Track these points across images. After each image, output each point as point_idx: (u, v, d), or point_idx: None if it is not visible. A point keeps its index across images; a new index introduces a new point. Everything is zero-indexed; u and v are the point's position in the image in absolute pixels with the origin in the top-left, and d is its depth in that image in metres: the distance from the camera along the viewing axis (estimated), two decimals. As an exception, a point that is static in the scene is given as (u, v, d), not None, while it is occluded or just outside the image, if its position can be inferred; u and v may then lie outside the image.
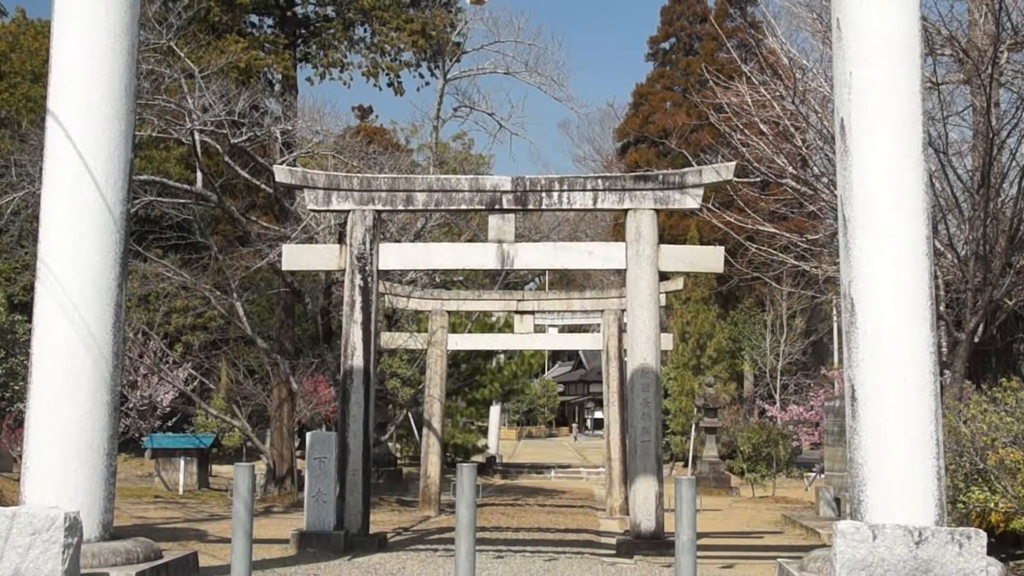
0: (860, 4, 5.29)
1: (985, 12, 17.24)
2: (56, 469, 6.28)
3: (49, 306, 5.29)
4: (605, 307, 24.87)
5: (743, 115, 19.17)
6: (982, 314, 15.59)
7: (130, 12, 5.22)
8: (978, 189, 15.69)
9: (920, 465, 6.07)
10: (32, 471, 6.31)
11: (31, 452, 6.21)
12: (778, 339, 40.20)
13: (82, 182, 5.16)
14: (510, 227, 15.35)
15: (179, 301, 27.77)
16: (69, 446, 6.06)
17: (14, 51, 32.79)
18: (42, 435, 6.08)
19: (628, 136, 55.99)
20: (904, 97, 5.27)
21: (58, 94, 5.33)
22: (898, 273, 5.34)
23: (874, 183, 5.31)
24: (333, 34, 31.91)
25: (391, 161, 27.82)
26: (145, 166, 28.48)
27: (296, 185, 16.10)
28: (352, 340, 15.12)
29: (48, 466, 6.25)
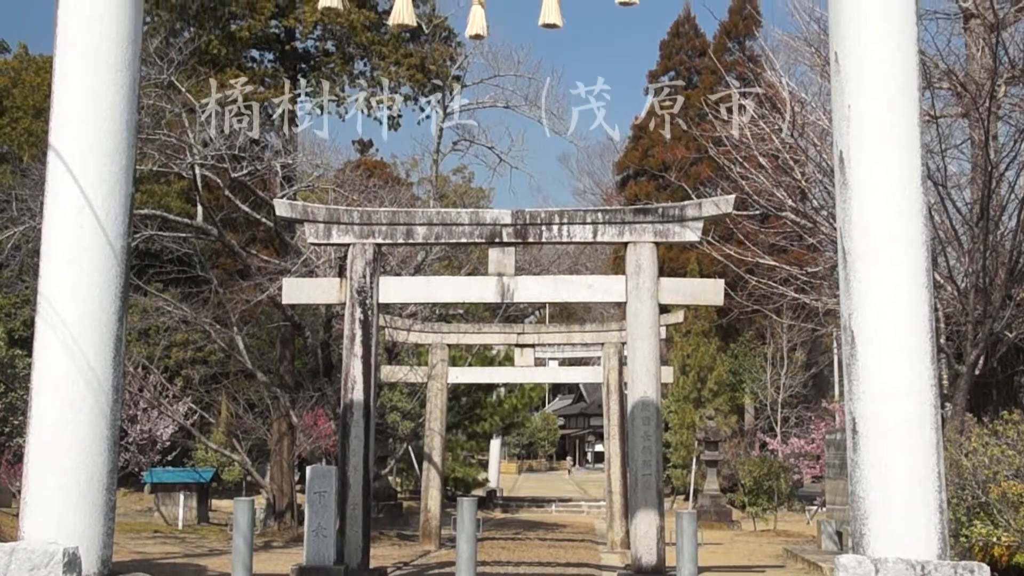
0: (859, 38, 5.31)
1: (982, 46, 17.33)
2: (55, 504, 6.26)
3: (49, 341, 5.27)
4: (605, 340, 24.84)
5: (742, 148, 19.22)
6: (982, 347, 15.57)
7: (132, 48, 5.24)
8: (977, 222, 15.71)
9: (922, 498, 6.04)
10: (31, 506, 6.28)
11: (30, 487, 6.18)
12: (779, 372, 40.13)
13: (83, 216, 5.16)
14: (510, 260, 15.35)
15: (179, 335, 27.75)
16: (68, 481, 6.03)
17: (16, 86, 32.94)
18: (41, 470, 6.05)
19: (628, 169, 56.10)
20: (903, 130, 5.28)
21: (59, 129, 5.34)
22: (898, 306, 5.34)
23: (874, 216, 5.32)
24: (333, 69, 32.04)
25: (391, 195, 27.89)
26: (146, 200, 28.53)
27: (296, 219, 16.13)
28: (352, 374, 15.10)
29: (47, 501, 6.22)
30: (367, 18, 30.74)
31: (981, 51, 17.46)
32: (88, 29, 5.23)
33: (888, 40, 5.30)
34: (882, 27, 5.29)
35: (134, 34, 5.30)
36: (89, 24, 5.20)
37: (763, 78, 20.08)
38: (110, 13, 5.19)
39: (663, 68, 58.31)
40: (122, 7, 5.24)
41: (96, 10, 5.20)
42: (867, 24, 5.30)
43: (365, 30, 31.13)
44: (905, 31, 5.34)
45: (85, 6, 5.21)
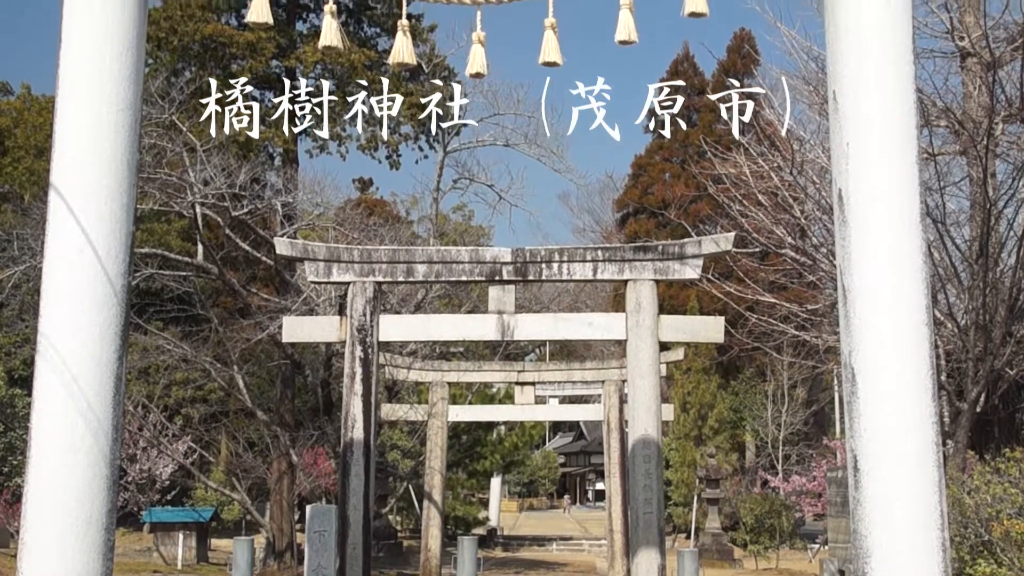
0: (856, 77, 5.33)
1: (979, 85, 17.42)
2: (53, 544, 6.23)
3: (49, 380, 5.26)
4: (606, 378, 24.81)
5: (741, 186, 19.27)
6: (983, 384, 15.55)
7: (134, 88, 5.26)
8: (976, 259, 15.73)
9: (925, 537, 6.02)
10: (29, 547, 6.26)
11: (28, 527, 6.15)
12: (780, 409, 40.05)
13: (84, 255, 5.16)
14: (510, 298, 15.35)
15: (179, 373, 27.73)
16: (67, 521, 6.01)
17: (18, 126, 33.10)
18: (39, 510, 6.03)
19: (627, 207, 56.21)
20: (902, 167, 5.29)
21: (61, 168, 5.35)
22: (899, 343, 5.33)
23: (873, 253, 5.32)
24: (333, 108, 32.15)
25: (391, 233, 27.95)
26: (147, 239, 28.60)
27: (297, 257, 16.14)
28: (352, 412, 15.06)
29: (45, 541, 6.20)
30: (367, 57, 30.90)
31: (978, 89, 17.54)
32: (90, 69, 5.25)
33: (886, 78, 5.32)
34: (879, 66, 5.31)
35: (136, 74, 5.32)
36: (91, 65, 5.22)
37: (762, 116, 20.16)
38: (112, 54, 5.21)
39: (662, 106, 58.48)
40: (124, 48, 5.27)
41: (98, 51, 5.23)
42: (864, 63, 5.32)
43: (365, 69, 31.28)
44: (902, 69, 5.36)
45: (88, 47, 5.24)
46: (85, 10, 5.24)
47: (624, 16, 5.18)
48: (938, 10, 18.87)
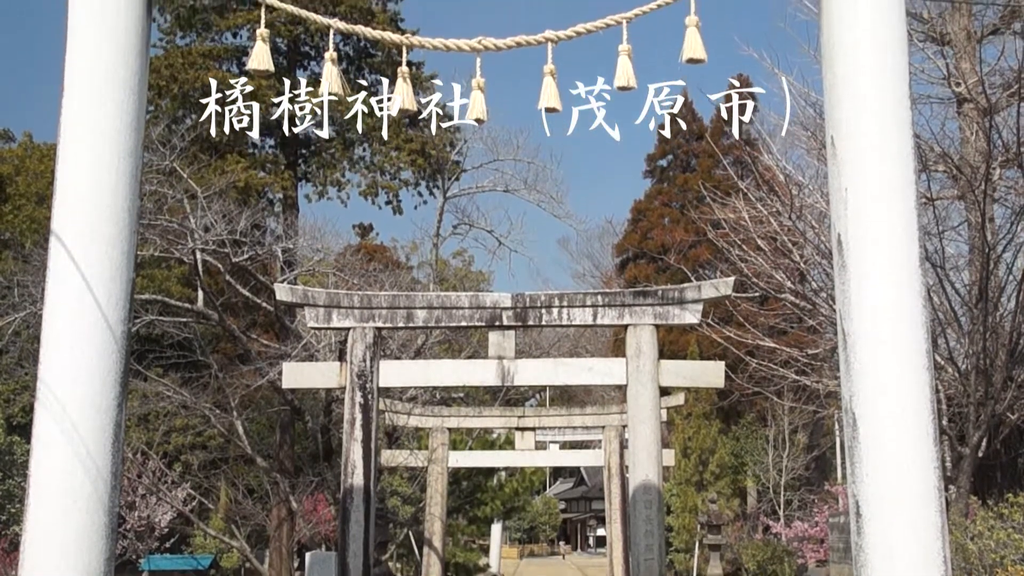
0: (854, 123, 5.36)
1: (976, 130, 17.50)
2: (51, 593, 6.19)
3: (48, 427, 5.25)
4: (606, 423, 24.74)
5: (741, 231, 19.32)
6: (985, 428, 15.50)
7: (135, 135, 5.29)
8: (976, 303, 15.73)
9: (928, 582, 5.97)
10: (27, 595, 6.21)
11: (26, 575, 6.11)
12: (781, 454, 39.89)
13: (84, 302, 5.16)
14: (510, 343, 15.34)
15: (179, 420, 27.67)
16: (65, 569, 5.97)
17: (19, 174, 33.23)
18: (38, 558, 6.00)
19: (627, 252, 56.27)
20: (900, 212, 5.31)
21: (62, 215, 5.37)
22: (900, 387, 5.32)
23: (873, 297, 5.33)
24: (333, 154, 32.32)
25: (391, 278, 27.97)
26: (147, 285, 28.63)
27: (297, 303, 16.14)
28: (352, 458, 15.01)
29: (43, 590, 6.16)
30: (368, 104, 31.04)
31: (975, 135, 17.63)
32: (92, 117, 5.28)
33: (883, 124, 5.35)
34: (877, 112, 5.35)
35: (137, 122, 5.36)
36: (93, 113, 5.25)
37: (760, 161, 20.24)
38: (114, 101, 5.24)
39: (661, 152, 58.76)
40: (126, 96, 5.30)
41: (100, 99, 5.26)
42: (862, 109, 5.35)
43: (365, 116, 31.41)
44: (900, 115, 5.40)
45: (90, 96, 5.27)
46: (88, 60, 5.28)
47: (623, 62, 5.21)
48: (934, 56, 19.03)
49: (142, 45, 5.38)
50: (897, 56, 5.31)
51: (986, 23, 19.73)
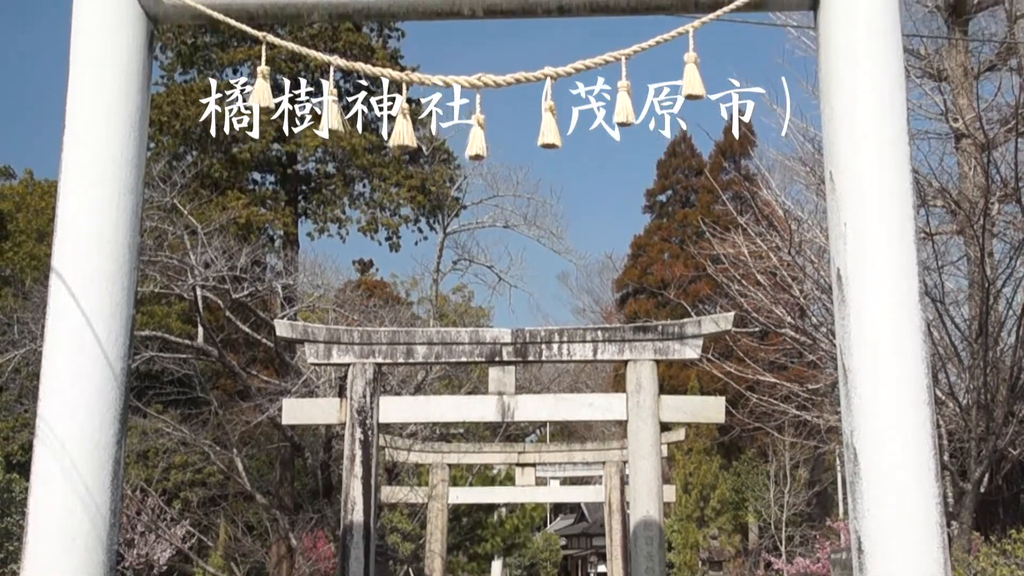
0: (852, 158, 5.38)
1: (974, 165, 17.56)
2: (49, 631, 6.15)
3: (47, 464, 5.24)
4: (607, 459, 24.66)
5: (740, 266, 19.33)
6: (987, 464, 15.46)
7: (135, 172, 5.31)
8: (976, 338, 15.72)
9: (931, 619, 5.94)
10: (25, 634, 6.17)
11: (24, 614, 6.07)
12: (782, 490, 39.73)
13: (84, 339, 5.16)
14: (510, 379, 15.32)
15: (178, 457, 27.58)
16: (63, 607, 5.94)
17: (20, 211, 33.29)
18: (36, 596, 5.96)
19: (627, 287, 56.28)
20: (899, 247, 5.32)
21: (62, 252, 5.37)
22: (901, 422, 5.32)
23: (873, 332, 5.33)
24: (333, 190, 32.40)
25: (391, 314, 27.98)
26: (147, 322, 28.63)
27: (297, 339, 16.13)
28: (352, 495, 14.95)
29: (41, 628, 6.12)
30: (368, 141, 31.18)
31: (973, 170, 17.69)
32: (93, 154, 5.30)
33: (881, 159, 5.37)
34: (875, 147, 5.37)
35: (138, 159, 5.38)
36: (94, 149, 5.28)
37: (759, 196, 20.29)
38: (115, 138, 5.27)
39: (660, 187, 58.92)
40: (127, 132, 5.33)
41: (101, 136, 5.28)
42: (860, 144, 5.38)
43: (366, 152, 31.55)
44: (898, 150, 5.42)
45: (90, 132, 5.29)
46: (89, 97, 5.30)
47: (622, 98, 5.23)
48: (932, 92, 19.12)
49: (143, 82, 5.40)
50: (895, 92, 5.33)
51: (982, 60, 19.85)
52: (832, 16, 5.43)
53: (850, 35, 5.36)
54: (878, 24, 5.36)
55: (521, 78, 5.24)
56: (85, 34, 5.40)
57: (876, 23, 5.36)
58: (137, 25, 5.43)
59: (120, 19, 5.40)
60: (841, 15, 5.40)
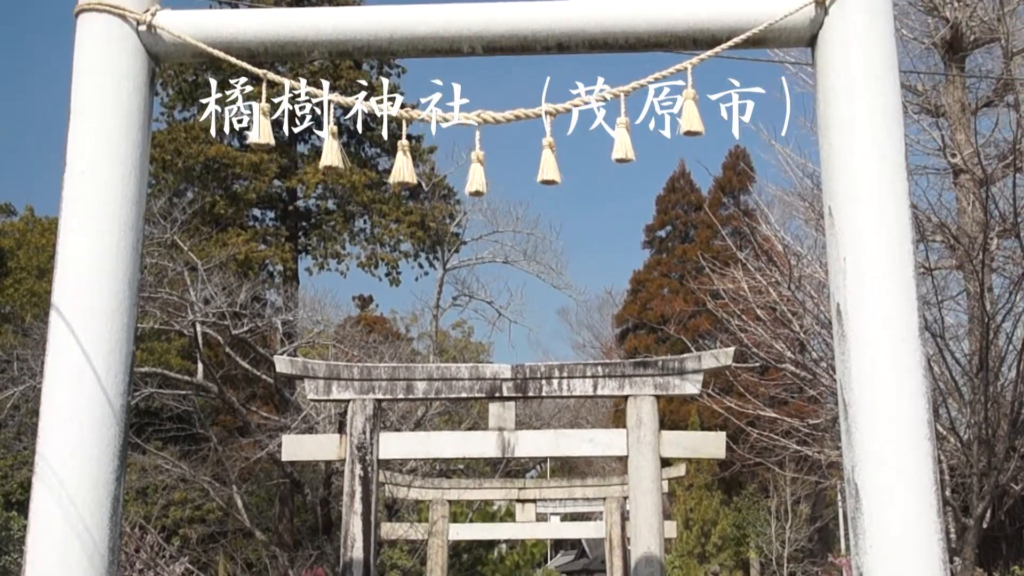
0: (851, 193, 5.40)
1: (973, 200, 17.60)
2: (47, 670, 6.12)
3: (45, 502, 5.22)
4: (607, 494, 24.57)
5: (740, 301, 19.34)
6: (989, 499, 15.40)
7: (136, 209, 5.33)
8: (977, 373, 15.70)
9: (934, 656, 5.91)
10: (22, 673, 6.14)
11: (22, 653, 6.04)
12: (783, 525, 39.58)
13: (84, 376, 5.16)
14: (511, 415, 15.30)
15: (177, 493, 27.49)
16: (61, 646, 5.91)
17: (20, 248, 33.35)
18: (34, 635, 5.92)
19: (627, 322, 56.28)
20: (899, 282, 5.32)
21: (62, 288, 5.37)
22: (901, 457, 5.30)
23: (873, 367, 5.32)
24: (333, 226, 32.47)
25: (391, 350, 27.97)
26: (146, 358, 28.61)
27: (296, 375, 16.12)
28: (352, 531, 14.89)
29: (39, 667, 6.09)
30: (368, 177, 31.30)
31: (972, 205, 17.72)
32: (93, 191, 5.32)
33: (880, 194, 5.38)
34: (874, 182, 5.38)
35: (139, 196, 5.39)
36: (94, 186, 5.29)
37: (758, 232, 20.33)
38: (116, 176, 5.28)
39: (660, 222, 59.04)
40: (128, 170, 5.34)
41: (102, 173, 5.30)
42: (859, 179, 5.39)
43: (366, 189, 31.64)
44: (896, 186, 5.43)
45: (91, 169, 5.31)
46: (90, 134, 5.32)
47: (621, 134, 5.25)
48: (929, 128, 19.18)
49: (144, 119, 5.43)
50: (893, 128, 5.35)
51: (980, 96, 19.94)
52: (829, 53, 5.45)
53: (847, 71, 5.39)
54: (875, 60, 5.39)
55: (520, 114, 5.26)
56: (86, 71, 5.43)
57: (873, 60, 5.39)
58: (138, 62, 5.46)
59: (121, 56, 5.43)
60: (838, 52, 5.43)
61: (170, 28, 5.35)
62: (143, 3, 5.42)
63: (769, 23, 5.33)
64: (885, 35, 5.39)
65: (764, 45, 5.61)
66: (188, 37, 5.34)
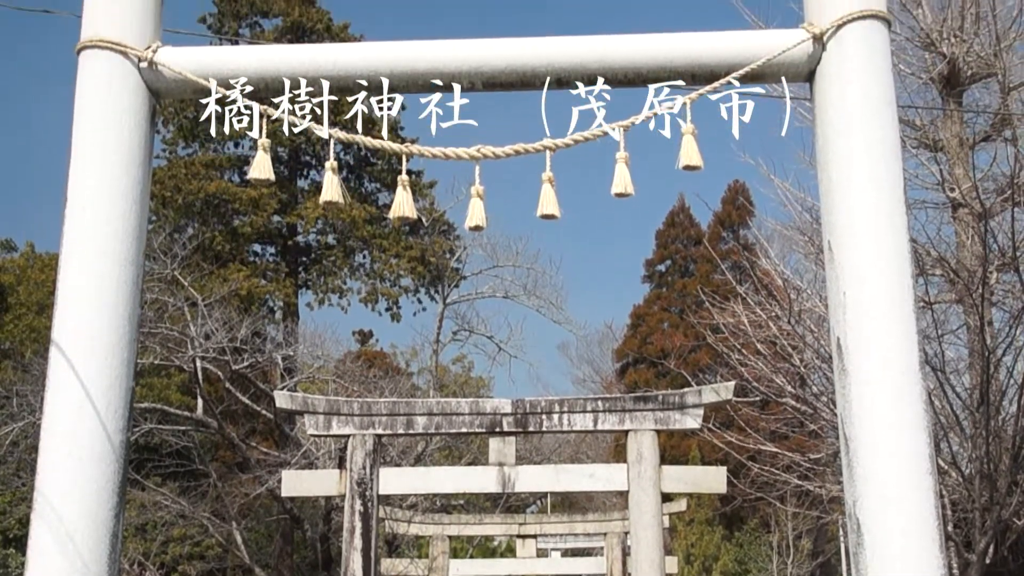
0: (850, 227, 5.40)
1: (972, 235, 17.62)
2: None
3: (44, 538, 5.20)
4: (608, 530, 24.47)
5: (740, 335, 19.33)
6: (991, 534, 15.33)
7: (136, 245, 5.34)
8: (978, 407, 15.67)
9: None
10: None
11: None
12: (785, 561, 39.39)
13: (83, 411, 5.16)
14: (511, 450, 15.26)
15: (177, 530, 27.38)
16: None
17: (21, 284, 33.38)
18: (31, 673, 5.89)
19: (627, 357, 56.20)
20: (899, 316, 5.32)
21: (62, 324, 5.38)
22: (903, 492, 5.29)
23: (874, 401, 5.31)
24: (334, 261, 32.51)
25: (391, 385, 27.93)
26: (146, 394, 28.57)
27: (296, 410, 16.09)
28: (352, 567, 14.82)
29: None
30: (368, 212, 31.37)
31: (971, 239, 17.74)
32: (94, 227, 5.33)
33: (880, 229, 5.39)
34: (873, 216, 5.39)
35: (139, 231, 5.40)
36: (95, 222, 5.30)
37: (758, 266, 20.34)
38: (116, 212, 5.30)
39: (659, 257, 59.09)
40: (128, 206, 5.36)
41: (103, 209, 5.32)
42: (858, 214, 5.40)
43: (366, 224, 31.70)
44: (896, 220, 5.44)
45: (92, 205, 5.33)
46: (91, 170, 5.34)
47: (620, 169, 5.27)
48: (928, 162, 19.23)
49: (145, 156, 5.45)
50: (891, 162, 5.37)
51: (977, 130, 20.00)
52: (827, 88, 5.48)
53: (845, 106, 5.41)
54: (873, 95, 5.41)
55: (520, 149, 5.28)
56: (88, 108, 5.45)
57: (871, 95, 5.41)
58: (139, 99, 5.49)
59: (123, 93, 5.45)
60: (836, 87, 5.46)
61: (171, 64, 5.38)
62: (144, 40, 5.45)
63: (767, 58, 5.35)
64: (882, 70, 5.41)
65: (762, 80, 5.64)
66: (189, 73, 5.37)
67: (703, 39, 5.48)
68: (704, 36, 5.49)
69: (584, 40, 5.48)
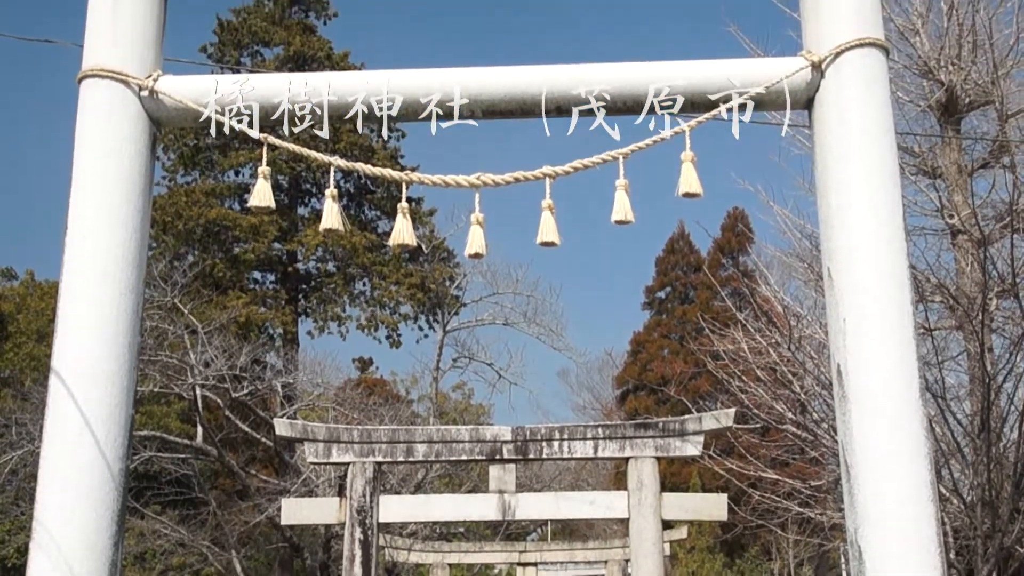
0: (850, 254, 5.41)
1: (971, 261, 17.63)
2: None
3: (43, 567, 5.18)
4: (608, 557, 24.40)
5: (740, 362, 19.30)
6: (993, 562, 15.27)
7: (136, 272, 5.34)
8: (979, 434, 15.63)
9: None
10: None
11: None
12: (787, 588, 39.27)
13: (83, 440, 5.15)
14: (511, 477, 15.23)
15: (176, 558, 27.28)
16: None
17: (20, 312, 33.38)
18: None
19: (627, 384, 56.16)
20: (899, 342, 5.32)
21: (62, 352, 5.37)
22: (904, 519, 5.27)
23: (874, 428, 5.31)
24: (334, 289, 32.52)
25: (391, 412, 27.88)
26: (145, 422, 28.52)
27: (296, 438, 16.07)
28: (351, 597, 14.76)
29: None
30: (368, 239, 31.40)
31: (970, 266, 17.74)
32: (94, 255, 5.33)
33: (879, 255, 5.39)
34: (873, 243, 5.40)
35: (139, 259, 5.41)
36: (95, 250, 5.31)
37: (758, 292, 20.33)
38: (116, 240, 5.31)
39: (659, 284, 59.12)
40: (129, 233, 5.37)
41: (103, 237, 5.33)
42: (858, 241, 5.41)
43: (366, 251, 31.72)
44: (895, 247, 5.45)
45: (92, 233, 5.34)
46: (91, 198, 5.35)
47: (620, 197, 5.28)
48: (927, 189, 19.26)
49: (146, 184, 5.45)
50: (890, 189, 5.38)
51: (976, 157, 20.03)
52: (826, 115, 5.50)
53: (844, 134, 5.43)
54: (871, 123, 5.43)
55: (520, 177, 5.29)
56: (88, 136, 5.47)
57: (869, 122, 5.42)
58: (140, 127, 5.50)
59: (123, 121, 5.47)
60: (834, 115, 5.47)
61: (171, 93, 5.39)
62: (145, 69, 5.47)
63: (766, 86, 5.37)
64: (881, 97, 5.43)
65: (761, 108, 5.65)
66: (189, 102, 5.38)
67: (702, 67, 5.50)
68: (703, 64, 5.52)
69: (584, 68, 5.50)
